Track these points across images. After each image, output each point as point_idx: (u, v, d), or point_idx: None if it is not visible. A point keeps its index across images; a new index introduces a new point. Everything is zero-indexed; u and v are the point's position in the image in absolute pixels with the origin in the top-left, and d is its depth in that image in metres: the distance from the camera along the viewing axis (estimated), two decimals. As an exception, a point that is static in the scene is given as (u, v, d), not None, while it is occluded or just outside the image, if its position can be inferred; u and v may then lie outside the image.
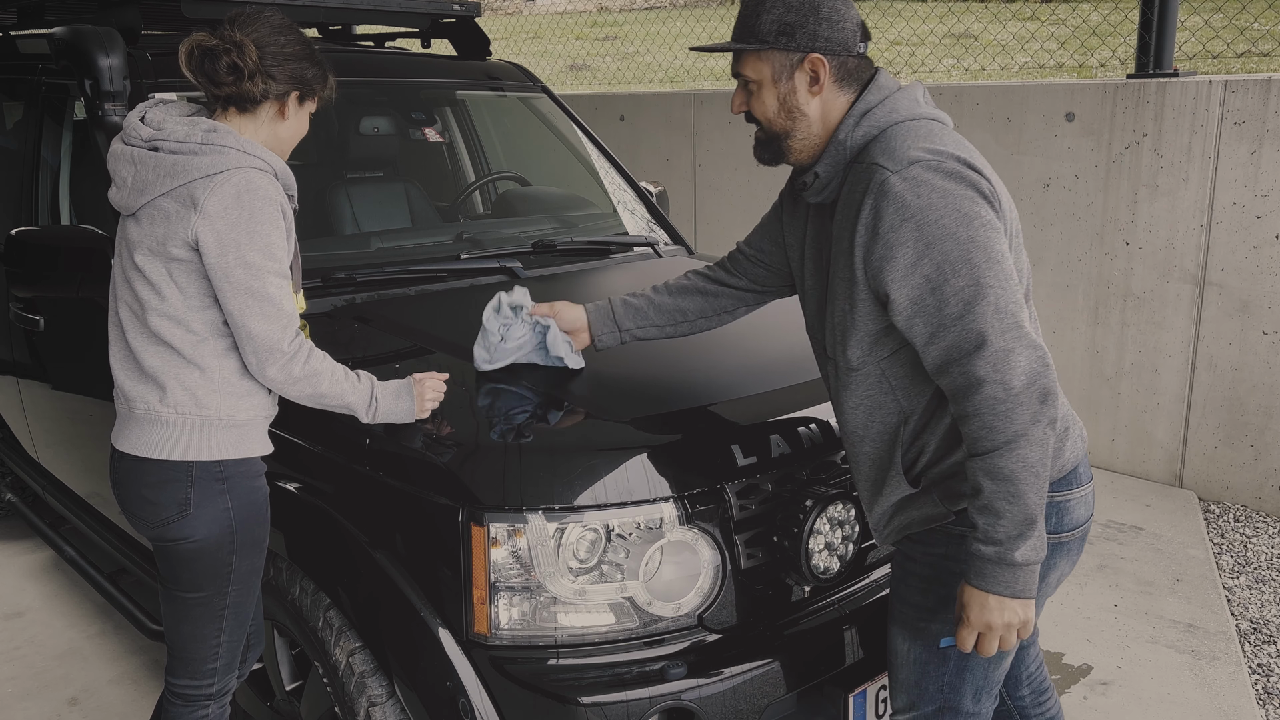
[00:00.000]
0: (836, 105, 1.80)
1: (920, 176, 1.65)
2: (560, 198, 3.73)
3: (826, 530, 2.03)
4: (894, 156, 1.68)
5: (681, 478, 1.96)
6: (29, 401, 3.36)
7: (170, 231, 1.85)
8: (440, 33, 3.83)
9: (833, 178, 1.81)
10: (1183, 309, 4.41)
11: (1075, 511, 1.85)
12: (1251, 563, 3.91)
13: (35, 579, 3.81)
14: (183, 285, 1.89)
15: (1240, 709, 2.98)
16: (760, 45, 1.78)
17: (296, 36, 2.00)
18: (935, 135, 1.72)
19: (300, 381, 1.91)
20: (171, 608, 2.04)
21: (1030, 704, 2.17)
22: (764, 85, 1.81)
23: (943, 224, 1.62)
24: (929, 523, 1.81)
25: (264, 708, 2.35)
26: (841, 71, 1.79)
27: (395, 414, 2.02)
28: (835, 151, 1.79)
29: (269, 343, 1.87)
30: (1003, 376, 1.59)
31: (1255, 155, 4.13)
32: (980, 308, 1.60)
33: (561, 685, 1.86)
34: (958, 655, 1.83)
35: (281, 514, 2.17)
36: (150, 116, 1.94)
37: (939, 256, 1.62)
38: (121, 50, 2.74)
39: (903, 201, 1.64)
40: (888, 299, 1.68)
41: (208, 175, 1.84)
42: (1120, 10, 6.52)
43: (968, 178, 1.66)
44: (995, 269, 1.61)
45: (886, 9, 7.66)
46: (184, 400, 1.92)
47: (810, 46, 1.77)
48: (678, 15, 11.28)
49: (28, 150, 3.30)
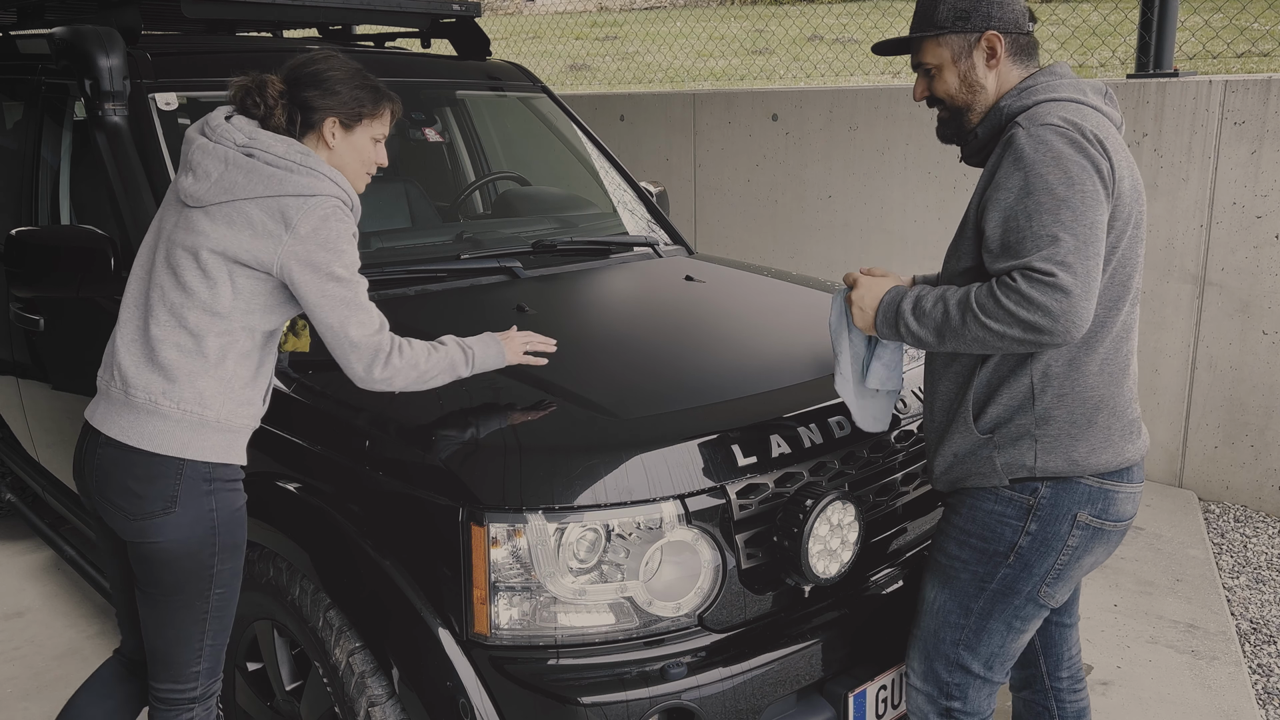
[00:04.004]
0: (1010, 78, 1.97)
1: (1044, 136, 1.80)
2: (560, 198, 3.73)
3: (826, 531, 2.03)
4: (1032, 119, 1.85)
5: (681, 478, 1.96)
6: (29, 401, 3.36)
7: (254, 244, 1.89)
8: (440, 33, 3.83)
9: (989, 140, 1.96)
10: (1183, 309, 4.41)
11: (1122, 505, 1.92)
12: (1251, 563, 3.91)
13: (35, 579, 3.81)
14: (239, 286, 1.92)
15: (1240, 709, 2.98)
16: (940, 31, 1.97)
17: (334, 65, 2.03)
18: (1083, 114, 1.85)
19: (402, 371, 1.96)
20: (153, 612, 2.02)
21: (1067, 688, 2.23)
22: (945, 67, 1.98)
23: (1046, 178, 1.76)
24: (983, 481, 1.92)
25: (264, 708, 2.35)
26: (1014, 47, 1.97)
27: (489, 360, 2.09)
28: (994, 115, 1.96)
29: (373, 346, 1.93)
30: (1037, 295, 1.71)
31: (1255, 155, 4.13)
32: (1051, 250, 1.72)
33: (561, 685, 1.86)
34: (980, 613, 1.94)
35: (282, 514, 2.17)
36: (238, 122, 1.97)
37: (1033, 200, 1.76)
38: (121, 50, 2.74)
39: (1021, 152, 1.80)
40: (984, 235, 1.83)
41: (301, 195, 1.90)
42: (1120, 10, 6.51)
43: (1088, 151, 1.79)
44: (1079, 226, 1.73)
45: (886, 9, 7.66)
46: (189, 398, 1.92)
47: (985, 25, 1.94)
48: (678, 15, 11.28)
49: (28, 150, 3.29)
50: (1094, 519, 1.89)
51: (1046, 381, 1.85)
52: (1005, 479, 1.89)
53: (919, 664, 2.02)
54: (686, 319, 2.74)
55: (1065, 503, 1.88)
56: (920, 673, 2.02)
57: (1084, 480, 1.88)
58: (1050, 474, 1.87)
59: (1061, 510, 1.88)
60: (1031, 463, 1.87)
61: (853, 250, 5.43)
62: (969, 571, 1.94)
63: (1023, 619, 1.94)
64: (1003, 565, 1.91)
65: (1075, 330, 1.72)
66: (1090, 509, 1.88)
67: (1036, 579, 1.90)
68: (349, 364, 1.94)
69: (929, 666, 2.00)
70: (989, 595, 1.92)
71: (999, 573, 1.91)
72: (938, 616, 1.98)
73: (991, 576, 1.92)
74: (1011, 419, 1.88)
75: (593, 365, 2.27)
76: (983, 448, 1.91)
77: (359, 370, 1.94)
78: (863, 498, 2.20)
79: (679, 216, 6.22)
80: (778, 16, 10.28)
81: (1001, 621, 1.94)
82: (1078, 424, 1.86)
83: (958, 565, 1.95)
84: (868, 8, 8.27)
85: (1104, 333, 1.86)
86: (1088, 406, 1.86)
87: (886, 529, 2.29)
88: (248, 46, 3.55)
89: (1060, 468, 1.86)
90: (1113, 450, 1.88)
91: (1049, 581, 1.91)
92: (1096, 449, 1.87)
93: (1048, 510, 1.88)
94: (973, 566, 1.93)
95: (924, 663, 2.01)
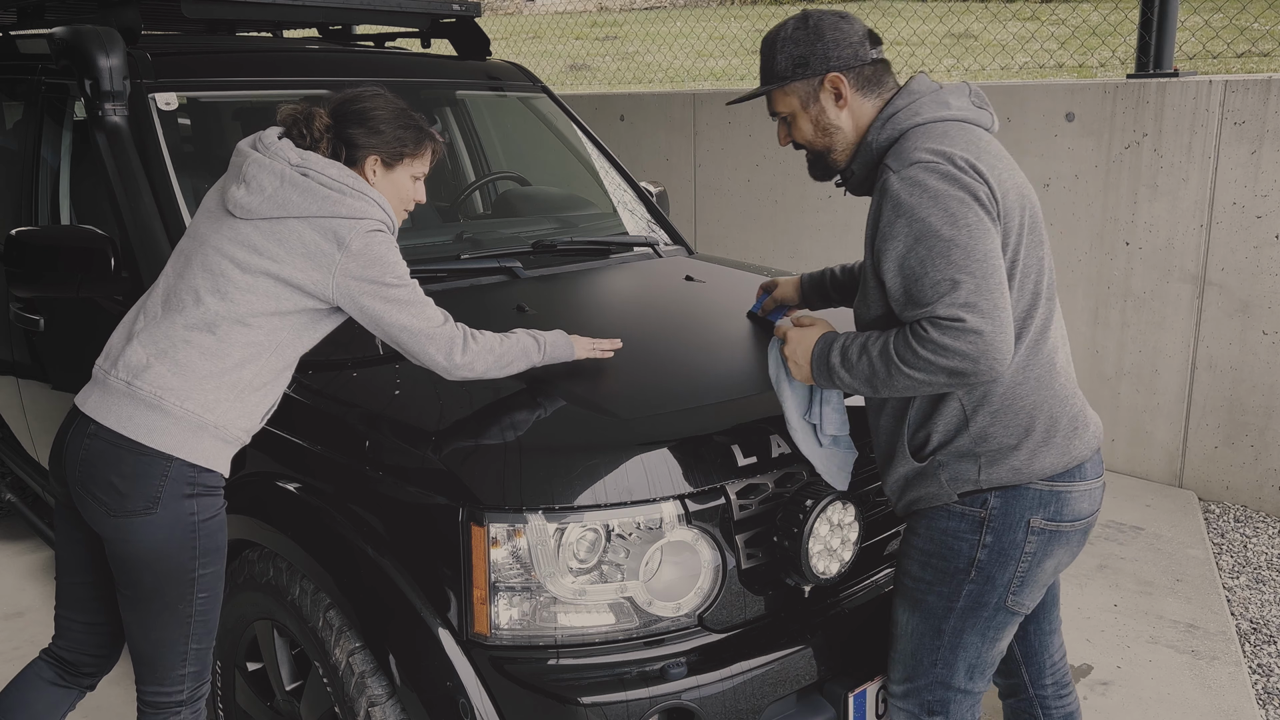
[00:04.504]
0: (865, 111, 1.96)
1: (916, 177, 1.79)
2: (560, 198, 3.73)
3: (826, 531, 2.03)
4: (900, 157, 1.84)
5: (681, 478, 1.96)
6: (29, 401, 3.36)
7: (308, 266, 1.93)
8: (440, 33, 3.83)
9: (866, 175, 1.97)
10: (1183, 309, 4.41)
11: (1076, 505, 1.91)
12: (1251, 563, 3.91)
13: (35, 579, 3.80)
14: (281, 305, 1.96)
15: (1240, 709, 2.98)
16: (783, 82, 1.97)
17: (379, 104, 2.08)
18: (949, 137, 1.84)
19: (481, 355, 2.03)
20: (136, 615, 2.01)
21: (1052, 695, 2.22)
22: (797, 114, 2.00)
23: (929, 222, 1.75)
24: (934, 500, 1.92)
25: (264, 708, 2.35)
26: (860, 81, 1.96)
27: (559, 351, 2.17)
28: (865, 152, 1.96)
29: (447, 335, 2.00)
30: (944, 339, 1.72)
31: (1255, 155, 4.13)
32: (952, 297, 1.73)
33: (561, 685, 1.86)
34: (951, 631, 1.93)
35: (282, 514, 2.17)
36: (288, 143, 2.02)
37: (923, 250, 1.75)
38: (121, 50, 2.74)
39: (898, 199, 1.79)
40: (884, 285, 1.83)
41: (354, 218, 1.96)
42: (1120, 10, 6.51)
43: (962, 180, 1.78)
44: (973, 264, 1.73)
45: (886, 9, 7.66)
46: (195, 399, 1.93)
47: (825, 69, 1.94)
48: (678, 15, 11.29)
49: (28, 150, 3.29)
50: (1048, 522, 1.88)
51: (976, 403, 1.85)
52: (954, 494, 1.89)
53: (899, 685, 2.01)
54: (686, 319, 2.74)
55: (1016, 510, 1.87)
56: (900, 692, 2.01)
57: (1032, 485, 1.87)
58: (995, 484, 1.87)
59: (1014, 518, 1.87)
60: (976, 476, 1.87)
61: (852, 250, 5.43)
62: (934, 593, 1.93)
63: (996, 628, 1.94)
64: (966, 582, 1.90)
65: (999, 365, 1.72)
66: (1043, 513, 1.88)
67: (1001, 589, 1.90)
68: (430, 356, 1.99)
69: (909, 686, 1.99)
70: (958, 613, 1.92)
71: (964, 589, 1.90)
72: (912, 639, 1.98)
73: (957, 595, 1.91)
74: (950, 442, 1.88)
75: (593, 365, 2.27)
76: (928, 471, 1.91)
77: (441, 360, 2.00)
78: (863, 497, 2.20)
79: (679, 216, 6.22)
80: (778, 16, 10.28)
81: (975, 634, 1.93)
82: (1015, 434, 1.85)
83: (923, 588, 1.95)
84: (868, 8, 8.27)
85: (1021, 344, 1.85)
86: (1022, 416, 1.85)
87: (886, 529, 2.29)
88: (248, 46, 3.55)
89: (1005, 477, 1.86)
90: (1056, 453, 1.87)
91: (1014, 590, 1.90)
92: (1038, 454, 1.86)
93: (1000, 520, 1.88)
94: (937, 587, 1.93)
95: (904, 683, 2.00)
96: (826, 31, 1.94)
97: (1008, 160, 1.90)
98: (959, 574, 1.90)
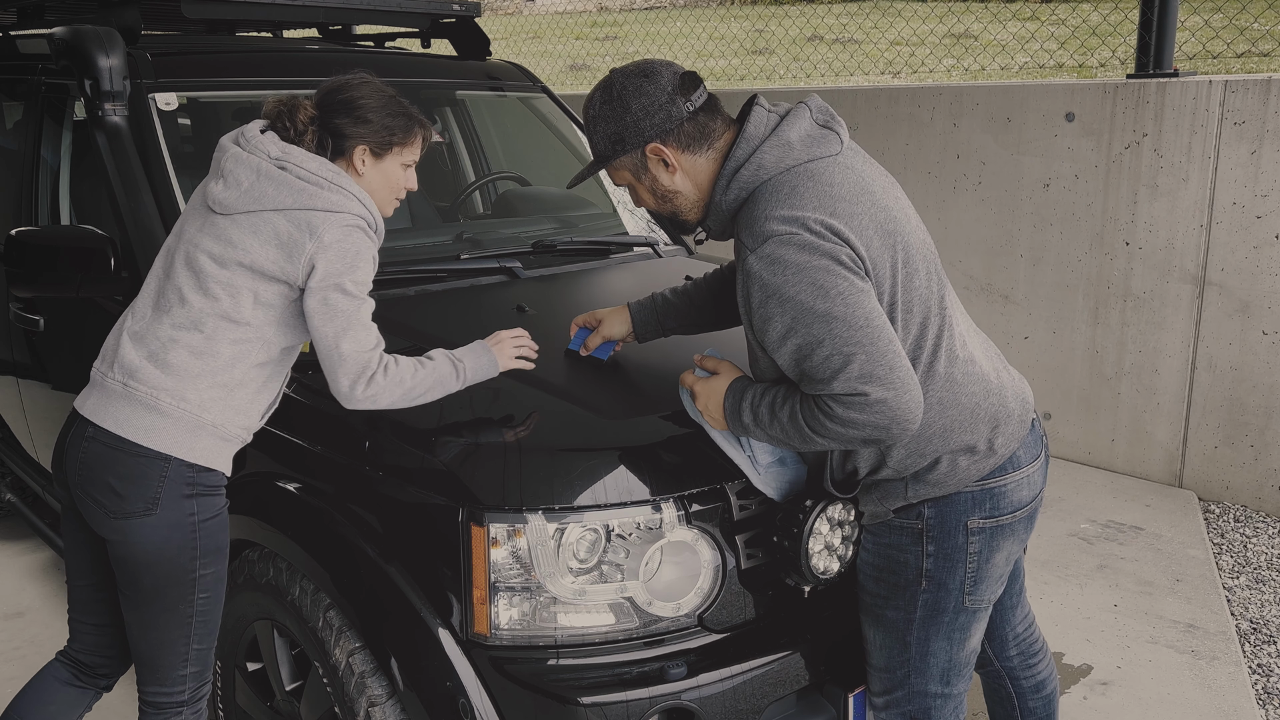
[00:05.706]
0: (701, 167, 1.89)
1: (775, 254, 1.72)
2: (560, 198, 3.73)
3: (826, 530, 2.03)
4: (753, 232, 1.76)
5: (681, 478, 1.96)
6: (29, 401, 3.36)
7: (279, 256, 1.90)
8: (440, 33, 3.83)
9: (724, 229, 1.91)
10: (1183, 309, 4.41)
11: (1015, 495, 1.92)
12: (1251, 563, 3.91)
13: (35, 579, 3.81)
14: (262, 298, 1.93)
15: (1240, 709, 2.98)
16: (606, 161, 1.92)
17: (366, 91, 2.03)
18: (798, 194, 1.76)
19: (387, 390, 1.92)
20: (136, 616, 2.00)
21: (1019, 665, 2.23)
22: (635, 186, 1.95)
23: (800, 300, 1.70)
24: (874, 519, 1.94)
25: (264, 708, 2.35)
26: (684, 140, 1.87)
27: (481, 371, 2.06)
28: (716, 212, 1.89)
29: (361, 363, 1.90)
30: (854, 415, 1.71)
31: (1255, 155, 4.13)
32: (846, 373, 1.69)
33: (561, 685, 1.86)
34: (917, 641, 1.93)
35: (282, 514, 2.17)
36: (272, 136, 1.99)
37: (803, 330, 1.71)
38: (121, 50, 2.74)
39: (763, 280, 1.73)
40: (773, 362, 1.80)
41: (329, 211, 1.92)
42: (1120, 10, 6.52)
43: (821, 248, 1.71)
44: (858, 333, 1.69)
45: (886, 9, 7.66)
46: (191, 398, 1.93)
47: (640, 142, 1.87)
48: (678, 15, 11.29)
49: (28, 150, 3.30)
50: (986, 520, 1.88)
51: (889, 442, 1.81)
52: (889, 511, 1.90)
53: (879, 698, 2.02)
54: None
55: (952, 516, 1.87)
56: (882, 704, 2.02)
57: (962, 490, 1.87)
58: (925, 497, 1.87)
59: (951, 524, 1.88)
60: (905, 493, 1.88)
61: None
62: (891, 607, 1.94)
63: (961, 629, 1.94)
64: (920, 592, 1.91)
65: (912, 421, 1.72)
66: (979, 513, 1.88)
67: (956, 592, 1.90)
68: (335, 378, 1.91)
69: (889, 698, 2.00)
70: (919, 623, 1.92)
71: (919, 599, 1.91)
72: (882, 653, 1.98)
73: (914, 605, 1.91)
74: (874, 473, 1.89)
75: (593, 365, 2.27)
76: (859, 496, 1.94)
77: (344, 386, 1.91)
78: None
79: (679, 216, 6.21)
80: (778, 16, 10.28)
81: (941, 640, 1.93)
82: (931, 456, 1.85)
83: (880, 602, 1.96)
84: (868, 8, 8.27)
85: (923, 369, 1.82)
86: (935, 442, 1.84)
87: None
88: (248, 46, 3.55)
89: (933, 491, 1.86)
90: (980, 459, 1.86)
91: (969, 590, 1.91)
92: (959, 467, 1.85)
93: (938, 528, 1.88)
94: (894, 601, 1.93)
95: (883, 695, 2.01)
96: (631, 101, 1.85)
97: (864, 183, 1.81)
98: (911, 585, 1.91)
